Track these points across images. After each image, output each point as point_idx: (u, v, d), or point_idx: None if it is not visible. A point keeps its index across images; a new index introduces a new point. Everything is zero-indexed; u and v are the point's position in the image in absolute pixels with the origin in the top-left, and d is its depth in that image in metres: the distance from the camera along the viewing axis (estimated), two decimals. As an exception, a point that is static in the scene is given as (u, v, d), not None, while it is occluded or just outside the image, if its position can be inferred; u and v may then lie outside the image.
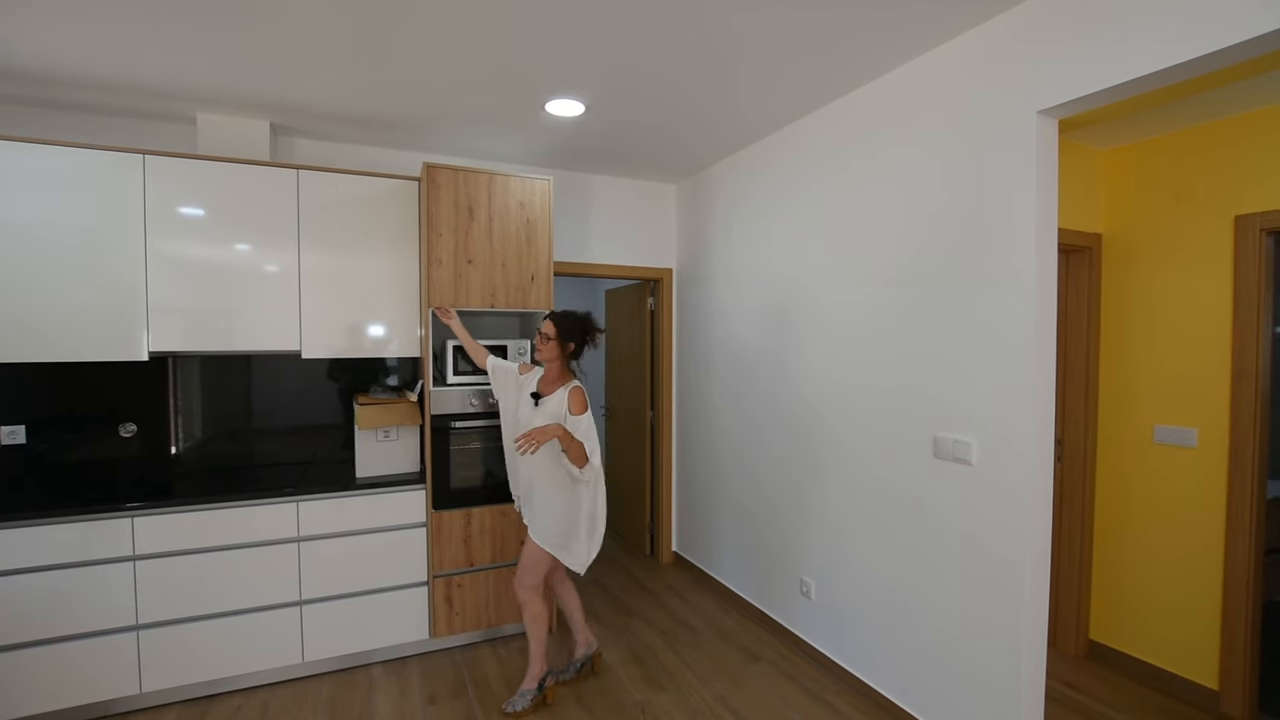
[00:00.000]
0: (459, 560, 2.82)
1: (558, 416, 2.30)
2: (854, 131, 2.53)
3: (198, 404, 2.92)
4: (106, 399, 2.75)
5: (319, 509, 2.60)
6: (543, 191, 2.96)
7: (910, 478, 2.28)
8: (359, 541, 2.67)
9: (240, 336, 2.66)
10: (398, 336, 2.92)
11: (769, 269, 3.06)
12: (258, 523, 2.51)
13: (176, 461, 2.87)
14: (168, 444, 2.86)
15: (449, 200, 2.78)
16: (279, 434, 3.05)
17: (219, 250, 2.62)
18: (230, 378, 2.98)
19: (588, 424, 2.31)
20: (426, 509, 2.77)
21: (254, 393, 3.02)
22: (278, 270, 2.71)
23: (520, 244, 2.93)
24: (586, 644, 2.64)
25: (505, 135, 3.05)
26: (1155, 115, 2.42)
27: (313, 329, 2.77)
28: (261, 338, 2.70)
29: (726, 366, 3.43)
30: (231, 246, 2.64)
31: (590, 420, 2.32)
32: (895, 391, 2.34)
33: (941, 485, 2.16)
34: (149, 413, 2.82)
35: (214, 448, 2.94)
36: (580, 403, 2.31)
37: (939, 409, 2.17)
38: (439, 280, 2.77)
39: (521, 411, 2.43)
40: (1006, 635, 1.95)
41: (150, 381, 2.81)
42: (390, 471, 2.83)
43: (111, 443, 2.76)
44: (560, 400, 2.33)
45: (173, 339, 2.55)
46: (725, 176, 3.43)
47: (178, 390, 2.88)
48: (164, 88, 2.48)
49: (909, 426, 2.28)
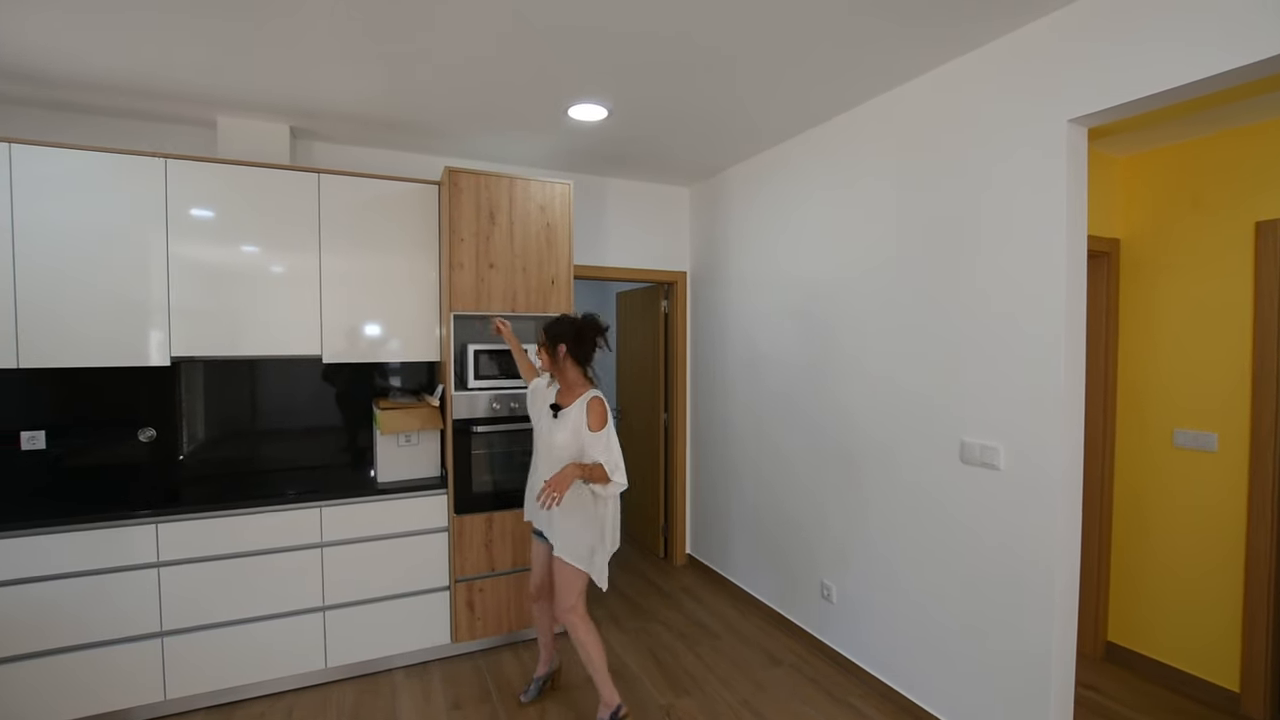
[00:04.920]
0: (480, 565, 2.82)
1: (578, 430, 2.18)
2: (879, 136, 2.54)
3: (213, 408, 2.91)
4: (122, 404, 2.74)
5: (342, 514, 2.59)
6: (563, 195, 2.96)
7: (936, 482, 2.29)
8: (381, 547, 2.66)
9: (260, 341, 2.65)
10: (418, 341, 2.91)
11: (788, 272, 3.07)
12: (281, 528, 2.50)
13: (193, 466, 2.86)
14: (184, 448, 2.85)
15: (470, 204, 2.77)
16: (293, 438, 3.04)
17: (239, 255, 2.61)
18: (243, 381, 2.97)
19: (607, 439, 2.18)
20: (448, 513, 2.77)
21: (268, 397, 3.01)
22: (298, 275, 2.70)
23: (541, 247, 2.92)
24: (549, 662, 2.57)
25: (526, 139, 3.05)
26: (1175, 122, 2.44)
27: (333, 333, 2.76)
28: (282, 342, 2.69)
29: (742, 369, 3.44)
30: (252, 251, 2.63)
31: (610, 434, 2.20)
32: (921, 396, 2.35)
33: (968, 490, 2.17)
34: (165, 417, 2.81)
35: (228, 452, 2.93)
36: (598, 417, 2.17)
37: (966, 414, 2.18)
38: (460, 284, 2.76)
39: (541, 424, 2.33)
40: (1035, 641, 1.96)
41: (166, 386, 2.80)
42: (411, 476, 2.83)
43: (130, 448, 2.75)
44: (580, 412, 2.20)
45: (193, 344, 2.54)
46: (741, 179, 3.44)
47: (193, 394, 2.87)
48: (184, 91, 2.47)
49: (935, 431, 2.29)
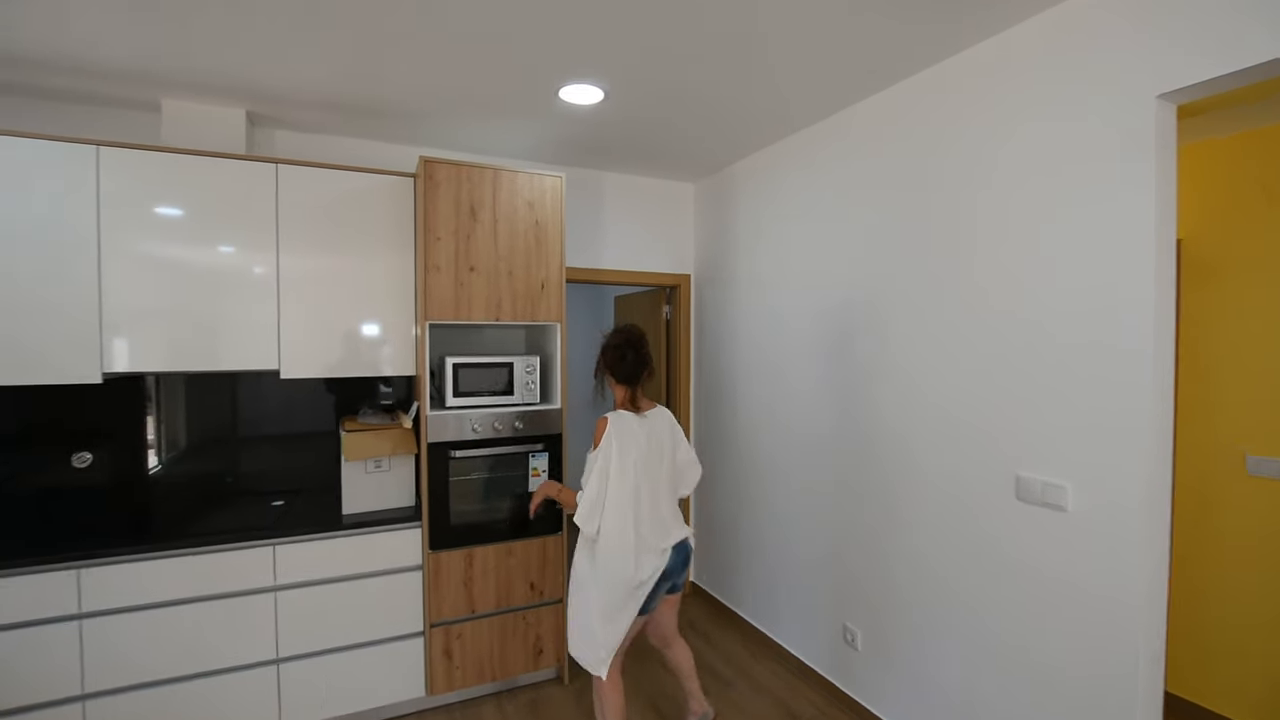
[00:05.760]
0: (459, 607, 2.49)
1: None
2: (920, 119, 2.22)
3: (169, 426, 2.58)
4: (56, 422, 2.41)
5: (299, 553, 2.27)
6: (554, 190, 2.64)
7: (985, 520, 1.97)
8: (345, 589, 2.34)
9: (210, 354, 2.33)
10: (391, 352, 2.59)
11: (809, 275, 2.75)
12: (227, 570, 2.18)
13: (140, 493, 2.52)
14: (132, 472, 2.51)
15: (449, 199, 2.45)
16: (263, 461, 2.71)
17: (185, 256, 2.29)
18: (208, 395, 2.65)
19: (592, 463, 1.97)
20: (422, 549, 2.45)
21: (235, 413, 2.69)
22: (253, 279, 2.38)
23: (529, 248, 2.61)
24: (700, 713, 2.27)
25: (512, 127, 2.73)
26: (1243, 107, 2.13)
27: (293, 345, 2.43)
28: (235, 355, 2.36)
29: (756, 383, 3.12)
30: (199, 252, 2.31)
31: (599, 457, 1.95)
32: (968, 422, 2.03)
33: (1026, 532, 1.85)
34: (109, 438, 2.48)
35: (184, 477, 2.59)
36: (596, 434, 2.01)
37: (1024, 444, 1.86)
38: (437, 289, 2.44)
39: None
40: (1115, 700, 1.64)
41: (110, 402, 2.47)
42: (381, 506, 2.50)
43: (62, 473, 2.42)
44: None
45: (130, 358, 2.21)
46: (755, 172, 3.12)
47: (145, 409, 2.54)
48: (124, 69, 2.15)
49: (985, 462, 1.97)
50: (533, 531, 2.61)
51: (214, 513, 2.43)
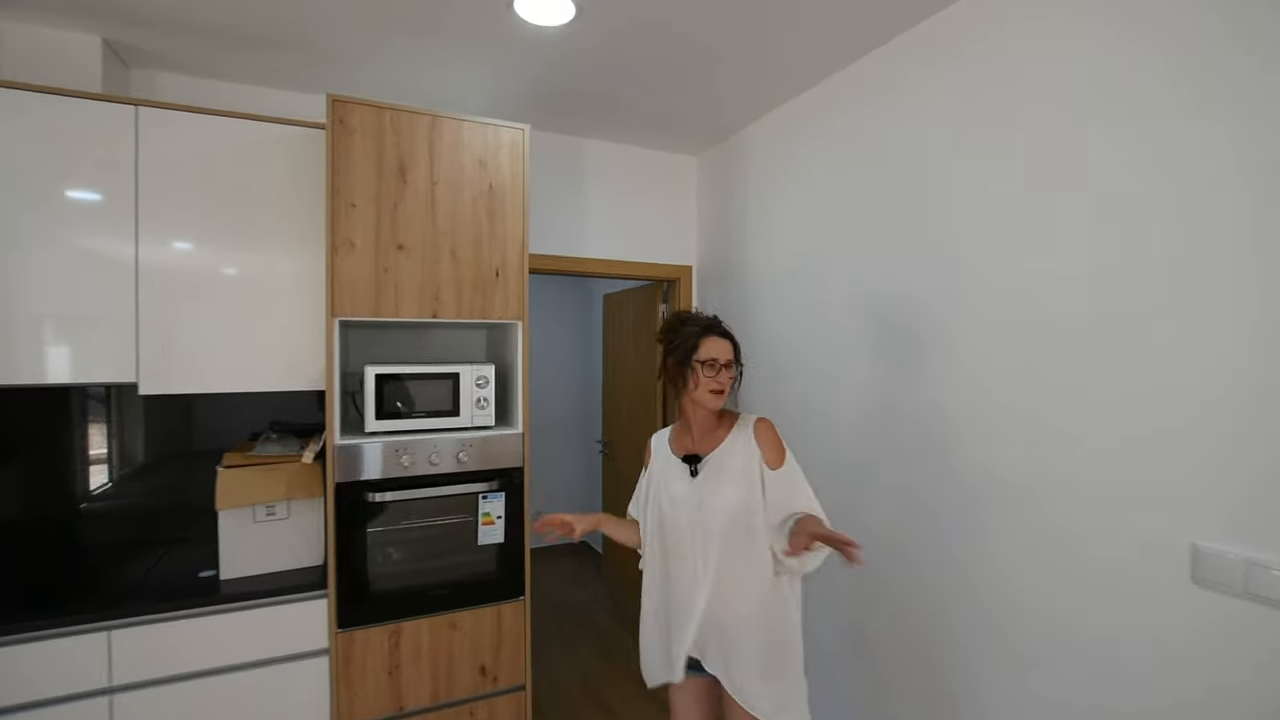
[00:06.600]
0: (382, 703, 1.84)
1: (750, 475, 1.44)
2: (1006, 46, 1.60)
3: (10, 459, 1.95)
4: None
5: (145, 639, 1.62)
6: (514, 145, 2.01)
7: (1141, 611, 1.32)
8: (216, 686, 1.69)
9: (39, 363, 1.70)
10: (291, 360, 1.95)
11: (853, 264, 2.12)
12: (40, 665, 1.53)
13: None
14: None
15: (369, 153, 1.83)
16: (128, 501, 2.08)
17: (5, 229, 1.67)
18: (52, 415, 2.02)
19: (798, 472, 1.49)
20: (329, 627, 1.80)
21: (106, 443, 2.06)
22: (100, 259, 1.75)
23: (479, 221, 1.98)
24: None
25: (457, 67, 2.11)
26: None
27: (157, 352, 1.80)
28: (78, 364, 1.74)
29: (778, 397, 2.47)
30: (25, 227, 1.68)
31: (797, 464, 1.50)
32: (1111, 460, 1.37)
33: (1210, 633, 1.21)
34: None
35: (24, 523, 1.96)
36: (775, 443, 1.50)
37: (1202, 499, 1.22)
38: (350, 274, 1.81)
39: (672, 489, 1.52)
40: None
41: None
42: (275, 568, 1.85)
43: None
44: (747, 445, 1.49)
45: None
46: (773, 135, 2.50)
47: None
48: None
49: (1143, 522, 1.32)
50: (482, 598, 1.96)
51: (43, 577, 1.78)
